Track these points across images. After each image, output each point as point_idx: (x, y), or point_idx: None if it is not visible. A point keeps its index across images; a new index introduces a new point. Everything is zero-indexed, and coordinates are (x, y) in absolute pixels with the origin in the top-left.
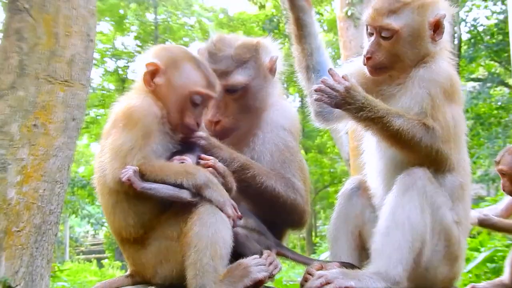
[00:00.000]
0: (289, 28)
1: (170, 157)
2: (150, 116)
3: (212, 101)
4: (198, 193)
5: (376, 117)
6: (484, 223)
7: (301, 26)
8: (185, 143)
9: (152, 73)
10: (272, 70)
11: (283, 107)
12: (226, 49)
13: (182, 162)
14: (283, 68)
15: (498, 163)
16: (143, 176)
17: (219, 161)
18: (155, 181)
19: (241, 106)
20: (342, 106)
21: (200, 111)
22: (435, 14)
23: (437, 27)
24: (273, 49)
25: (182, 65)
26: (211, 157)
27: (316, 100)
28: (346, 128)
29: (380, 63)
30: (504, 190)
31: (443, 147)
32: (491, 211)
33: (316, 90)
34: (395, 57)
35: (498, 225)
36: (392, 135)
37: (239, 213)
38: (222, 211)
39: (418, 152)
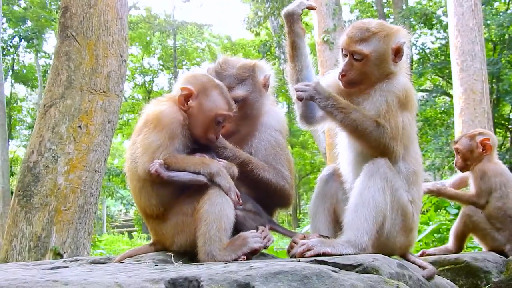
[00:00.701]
0: (286, 48)
1: (191, 154)
2: (176, 122)
3: (231, 118)
4: (211, 180)
5: (339, 107)
6: (435, 191)
7: (295, 48)
8: (201, 144)
9: (186, 96)
10: (265, 86)
11: (275, 113)
12: (229, 69)
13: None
14: (274, 83)
15: (456, 142)
16: (168, 167)
17: (224, 158)
18: (178, 170)
19: (241, 114)
20: (314, 96)
21: (220, 128)
22: (396, 42)
23: (397, 52)
24: (266, 69)
25: (210, 92)
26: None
27: (297, 98)
28: (323, 129)
29: (352, 79)
30: (456, 166)
31: (389, 143)
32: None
33: (296, 89)
34: (364, 75)
35: (444, 192)
36: (349, 125)
37: (240, 201)
38: (227, 195)
39: (369, 143)
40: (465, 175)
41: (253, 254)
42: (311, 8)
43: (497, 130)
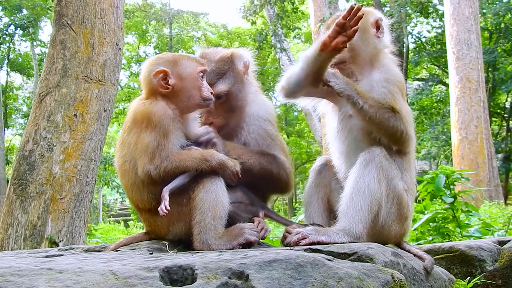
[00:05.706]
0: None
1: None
2: (167, 117)
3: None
4: (214, 172)
5: (358, 92)
6: None
7: None
8: (195, 140)
9: (164, 78)
10: (246, 73)
11: (261, 101)
12: (208, 64)
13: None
14: (255, 68)
15: None
16: (168, 172)
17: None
18: (178, 168)
19: (226, 107)
20: (330, 80)
21: (206, 83)
22: (374, 17)
23: (377, 26)
24: (245, 55)
25: (180, 61)
26: None
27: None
28: (318, 116)
29: (342, 57)
30: None
31: (407, 129)
32: None
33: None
34: (352, 51)
35: None
36: (369, 111)
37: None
38: (226, 180)
39: (386, 130)
40: None
41: (248, 246)
42: None
43: (493, 119)
